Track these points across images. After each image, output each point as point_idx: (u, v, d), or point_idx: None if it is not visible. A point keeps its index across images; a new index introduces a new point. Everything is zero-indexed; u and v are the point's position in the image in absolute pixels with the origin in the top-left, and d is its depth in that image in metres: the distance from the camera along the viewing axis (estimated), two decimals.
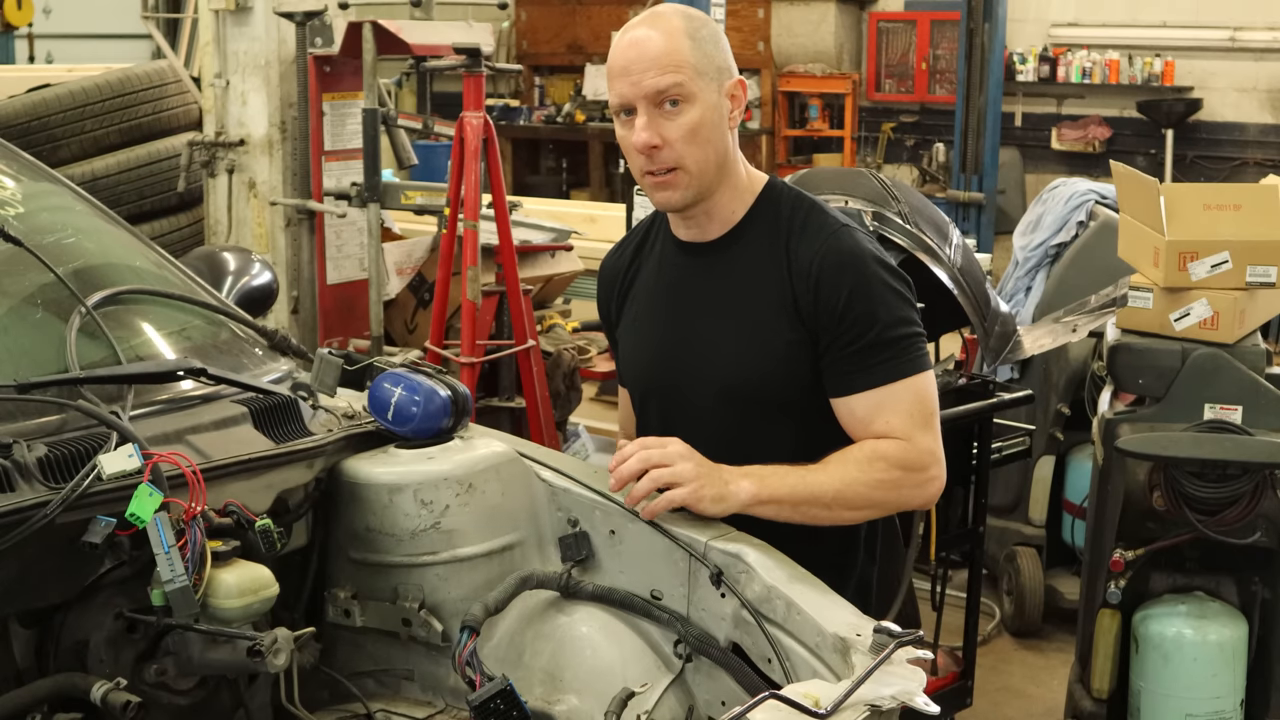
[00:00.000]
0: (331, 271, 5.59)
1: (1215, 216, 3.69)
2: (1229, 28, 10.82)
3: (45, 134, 5.76)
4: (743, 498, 2.17)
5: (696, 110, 2.23)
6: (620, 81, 2.25)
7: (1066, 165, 11.15)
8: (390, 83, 6.66)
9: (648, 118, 2.23)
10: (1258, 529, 3.60)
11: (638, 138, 2.24)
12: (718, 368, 2.32)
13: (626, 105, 2.25)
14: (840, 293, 2.24)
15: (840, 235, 2.30)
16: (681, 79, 2.22)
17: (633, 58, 2.24)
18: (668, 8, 2.33)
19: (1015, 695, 4.67)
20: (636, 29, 2.27)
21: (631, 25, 2.29)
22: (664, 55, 2.22)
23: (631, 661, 2.14)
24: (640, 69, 2.23)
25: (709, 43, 2.27)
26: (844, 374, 2.25)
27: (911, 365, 2.26)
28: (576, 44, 13.56)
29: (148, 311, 2.48)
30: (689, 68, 2.23)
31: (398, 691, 2.32)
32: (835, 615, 1.96)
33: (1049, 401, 5.00)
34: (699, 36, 2.25)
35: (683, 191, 2.28)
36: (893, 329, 2.25)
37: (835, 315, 2.24)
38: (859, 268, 2.27)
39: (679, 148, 2.24)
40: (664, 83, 2.21)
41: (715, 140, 2.27)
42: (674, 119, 2.23)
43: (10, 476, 1.89)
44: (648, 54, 2.23)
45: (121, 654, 1.99)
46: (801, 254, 2.28)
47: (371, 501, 2.26)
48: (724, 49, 2.30)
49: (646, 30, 2.25)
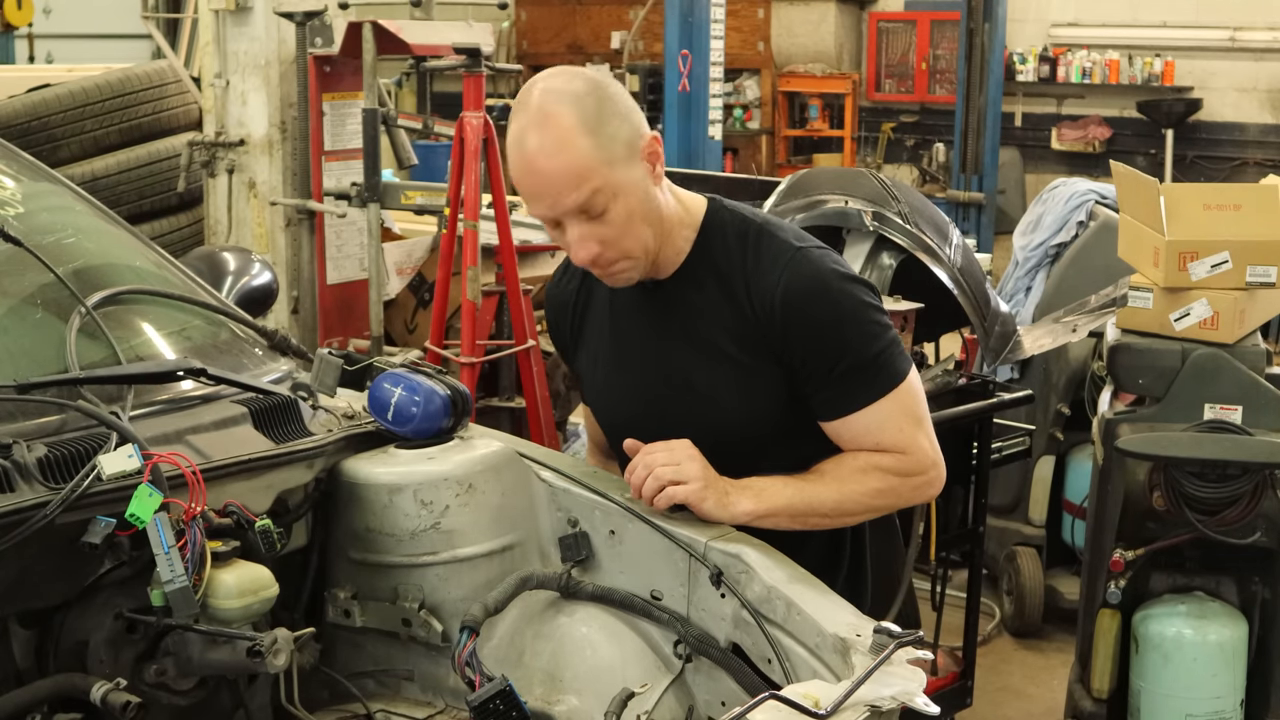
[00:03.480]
0: (331, 271, 5.59)
1: (1215, 216, 3.69)
2: (1229, 28, 10.83)
3: (45, 134, 5.76)
4: (738, 512, 2.16)
5: (622, 203, 2.12)
6: (536, 205, 2.14)
7: (1066, 165, 11.16)
8: (390, 83, 6.66)
9: (579, 230, 2.14)
10: (1258, 529, 3.60)
11: (577, 255, 2.16)
12: (703, 415, 2.27)
13: (551, 221, 2.16)
14: (810, 324, 2.19)
15: (797, 261, 2.22)
16: (596, 184, 2.09)
17: (538, 183, 2.11)
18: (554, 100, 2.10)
19: (1015, 695, 4.67)
20: (530, 148, 2.09)
21: (522, 135, 2.10)
22: (569, 170, 2.08)
23: (631, 661, 2.14)
24: (552, 193, 2.10)
25: (609, 121, 2.10)
26: (828, 400, 2.23)
27: (892, 377, 2.22)
28: (576, 44, 13.57)
29: (148, 311, 2.48)
30: (601, 168, 2.09)
31: (398, 692, 2.32)
32: (835, 615, 1.96)
33: (1049, 401, 5.00)
34: (596, 121, 2.09)
35: (637, 272, 2.22)
36: (869, 347, 2.20)
37: (809, 347, 2.20)
38: (823, 293, 2.20)
39: (621, 244, 2.15)
40: (582, 196, 2.09)
41: (650, 214, 2.17)
42: (603, 223, 2.12)
43: (10, 477, 1.89)
44: (553, 176, 2.09)
45: (121, 654, 1.99)
46: (762, 286, 2.21)
47: (371, 502, 2.26)
48: (624, 113, 2.13)
49: (542, 148, 2.08)
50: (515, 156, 2.13)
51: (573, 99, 2.09)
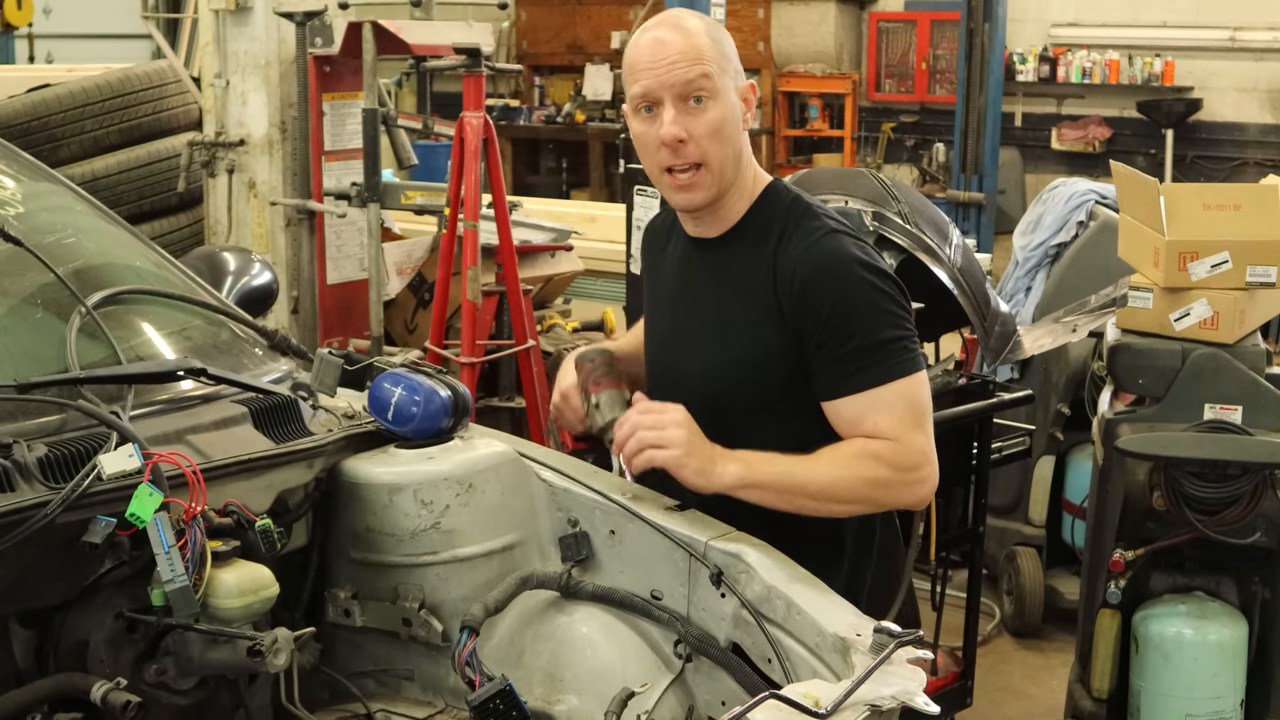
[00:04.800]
0: (331, 271, 5.59)
1: (1215, 216, 3.69)
2: (1229, 28, 10.82)
3: (45, 134, 5.76)
4: (727, 480, 2.17)
5: (720, 107, 2.25)
6: (645, 75, 2.25)
7: (1066, 165, 11.15)
8: (390, 83, 6.65)
9: (675, 112, 2.24)
10: (1258, 529, 3.59)
11: (666, 131, 2.24)
12: (702, 372, 2.33)
13: (651, 99, 2.25)
14: (823, 299, 2.23)
15: (825, 240, 2.28)
16: (709, 71, 2.24)
17: (658, 52, 2.25)
18: (682, 11, 2.35)
19: (1015, 695, 4.67)
20: (656, 29, 2.28)
21: (649, 26, 2.30)
22: (691, 50, 2.24)
23: (631, 661, 2.14)
24: (668, 62, 2.23)
25: (725, 44, 2.30)
26: (830, 379, 2.24)
27: (898, 368, 2.23)
28: (576, 44, 13.56)
29: (148, 311, 2.48)
30: (714, 64, 2.25)
31: (398, 691, 2.32)
32: (835, 615, 1.96)
33: (1049, 401, 5.00)
34: (716, 37, 2.28)
35: (704, 192, 2.29)
36: (878, 333, 2.22)
37: (819, 321, 2.23)
38: (842, 273, 2.24)
39: (704, 144, 2.25)
40: (692, 74, 2.23)
41: (734, 139, 2.29)
42: (699, 115, 2.24)
43: (10, 476, 1.89)
44: (674, 48, 2.24)
45: (121, 654, 1.99)
46: (786, 258, 2.27)
47: (371, 501, 2.26)
48: (734, 54, 2.33)
49: (668, 30, 2.27)
50: (636, 39, 2.30)
51: (702, 18, 2.33)
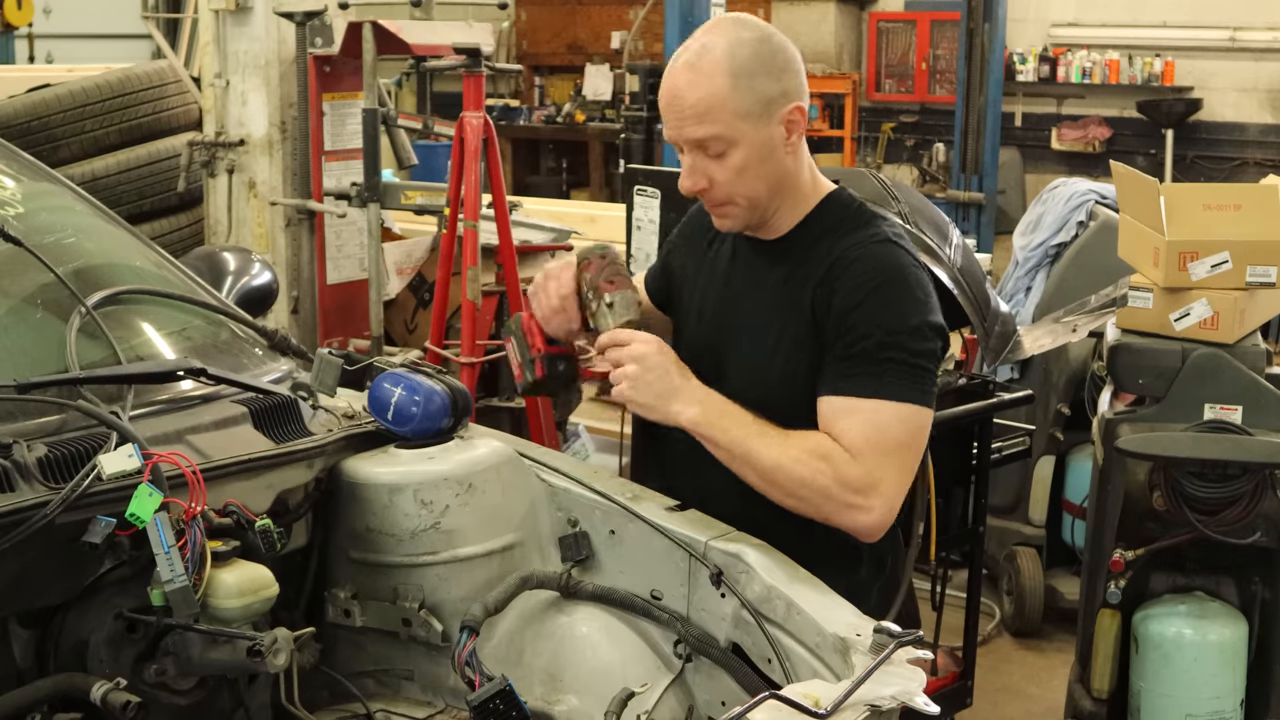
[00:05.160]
0: (331, 271, 5.59)
1: (1215, 216, 3.69)
2: (1229, 28, 10.82)
3: (45, 134, 5.76)
4: (682, 421, 2.17)
5: (742, 152, 2.19)
6: (666, 120, 2.23)
7: (1066, 165, 11.15)
8: (390, 83, 6.66)
9: (692, 161, 2.21)
10: (1258, 529, 3.59)
11: (682, 183, 2.24)
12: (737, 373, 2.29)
13: (673, 142, 2.23)
14: (851, 297, 2.18)
15: (876, 246, 2.23)
16: (718, 130, 2.17)
17: (672, 103, 2.19)
18: (719, 35, 2.20)
19: (1015, 695, 4.66)
20: (679, 66, 2.19)
21: (680, 55, 2.20)
22: (700, 104, 2.16)
23: (631, 661, 2.14)
24: (679, 117, 2.19)
25: (757, 76, 2.17)
26: (828, 375, 2.20)
27: (893, 390, 2.15)
28: (576, 44, 13.57)
29: (148, 311, 2.48)
30: (727, 114, 2.16)
31: (398, 691, 2.32)
32: (835, 615, 1.96)
33: (1049, 401, 5.00)
34: (744, 71, 2.16)
35: (738, 221, 2.28)
36: (887, 349, 2.16)
37: (839, 317, 2.19)
38: (881, 278, 2.19)
39: (726, 187, 2.22)
40: (701, 133, 2.17)
41: (766, 174, 2.22)
42: (720, 162, 2.20)
43: (10, 476, 1.89)
44: (685, 102, 2.17)
45: (121, 654, 1.99)
46: (834, 256, 2.22)
47: (371, 501, 2.26)
48: (778, 73, 2.19)
49: (685, 74, 2.18)
50: (668, 68, 2.23)
51: (733, 43, 2.17)
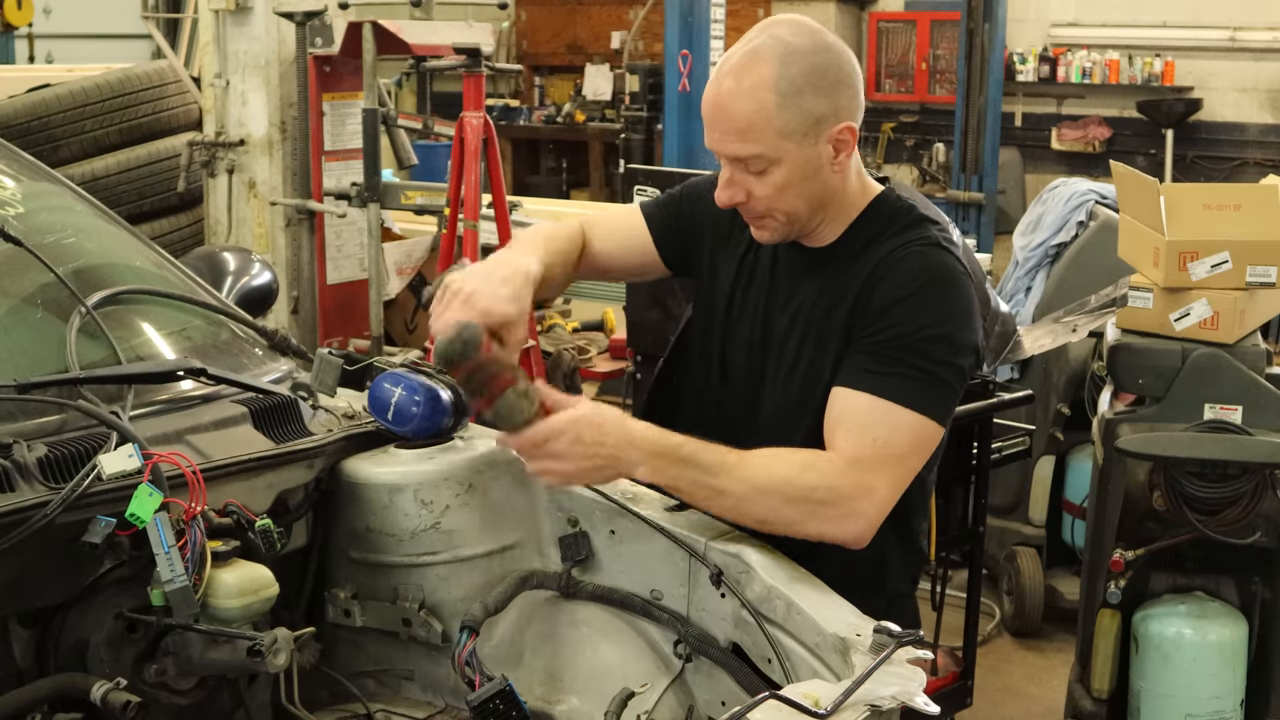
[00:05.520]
0: (331, 271, 5.59)
1: (1215, 216, 3.69)
2: (1229, 28, 10.81)
3: (45, 134, 5.77)
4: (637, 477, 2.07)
5: (783, 171, 2.10)
6: (707, 127, 2.13)
7: (1066, 165, 11.14)
8: (390, 83, 6.66)
9: (731, 174, 2.14)
10: (1258, 529, 3.59)
11: (719, 195, 2.16)
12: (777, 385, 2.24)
13: (713, 151, 2.15)
14: (891, 295, 2.11)
15: (925, 249, 2.14)
16: (760, 149, 2.08)
17: (714, 115, 2.10)
18: (772, 43, 2.09)
19: (1015, 695, 4.66)
20: (725, 72, 2.09)
21: (725, 64, 2.11)
22: (743, 121, 2.07)
23: (631, 661, 2.14)
24: (720, 131, 2.11)
25: (806, 93, 2.07)
26: (845, 365, 2.13)
27: (907, 395, 2.06)
28: (576, 44, 13.56)
29: (148, 311, 2.48)
30: (771, 133, 2.07)
31: (398, 691, 2.32)
32: (835, 615, 1.96)
33: (1049, 401, 4.99)
34: (791, 89, 2.06)
35: (776, 234, 2.20)
36: (912, 350, 2.08)
37: (876, 314, 2.11)
38: (926, 278, 2.11)
39: (765, 202, 2.14)
40: (742, 153, 2.10)
41: (808, 192, 2.14)
42: (759, 178, 2.11)
43: (10, 476, 1.89)
44: (728, 117, 2.08)
45: (121, 654, 1.99)
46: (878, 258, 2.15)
47: (372, 501, 2.26)
48: (830, 90, 2.08)
49: (733, 83, 2.08)
50: (711, 81, 2.13)
51: (785, 56, 2.07)
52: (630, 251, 2.42)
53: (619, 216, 2.49)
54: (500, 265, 2.10)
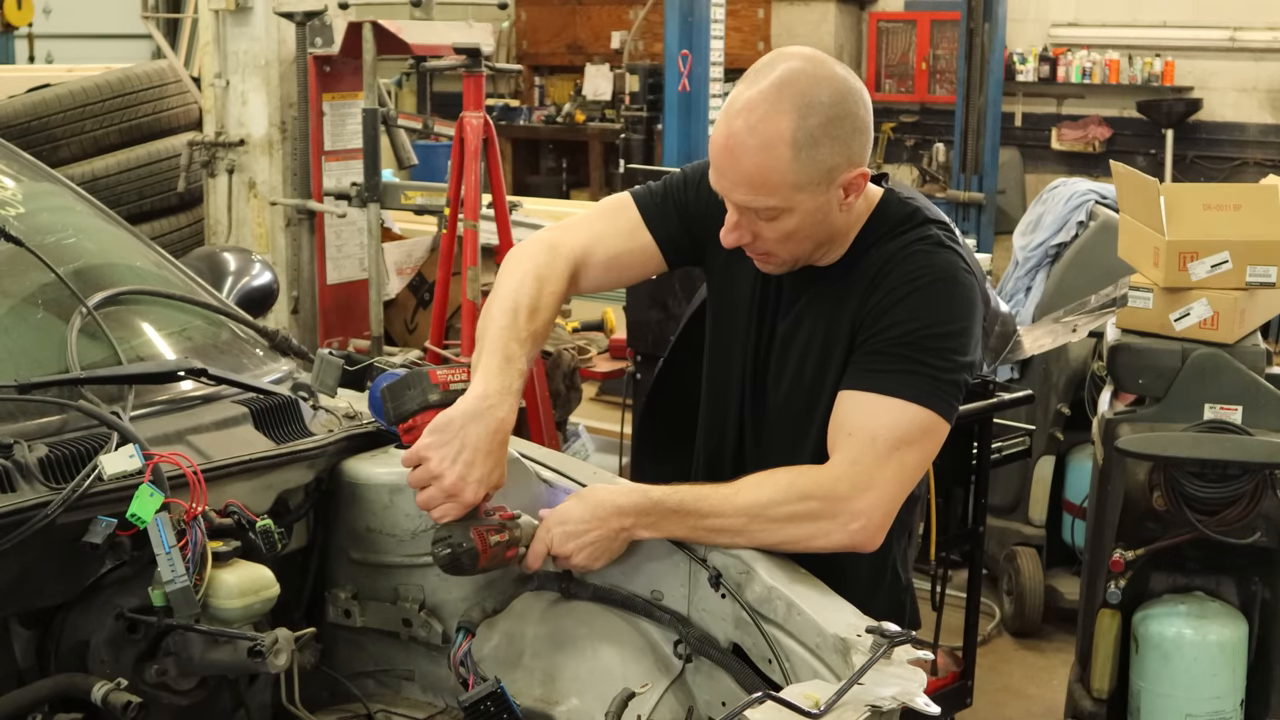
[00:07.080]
0: (331, 271, 5.59)
1: (1215, 216, 3.69)
2: (1229, 28, 10.82)
3: (45, 134, 5.76)
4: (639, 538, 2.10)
5: (794, 219, 2.06)
6: (715, 170, 2.06)
7: (1066, 165, 11.15)
8: (390, 83, 6.66)
9: (737, 218, 2.09)
10: (1258, 529, 3.59)
11: (724, 236, 2.11)
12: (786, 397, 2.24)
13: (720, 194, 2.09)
14: (892, 294, 2.10)
15: (927, 248, 2.13)
16: (773, 202, 2.03)
17: (725, 161, 2.03)
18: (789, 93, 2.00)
19: (1015, 695, 4.67)
20: (738, 116, 2.00)
21: (736, 102, 2.02)
22: (756, 175, 2.00)
23: (631, 662, 2.14)
24: (730, 180, 2.04)
25: (822, 144, 2.00)
26: (850, 368, 2.13)
27: (913, 391, 2.05)
28: (576, 44, 13.56)
29: (148, 312, 2.48)
30: (786, 187, 2.01)
31: (398, 692, 2.32)
32: (835, 615, 1.96)
33: (1049, 401, 5.00)
34: (808, 141, 1.99)
35: (781, 268, 2.18)
36: (916, 348, 2.07)
37: (875, 314, 2.11)
38: (929, 277, 2.10)
39: (771, 244, 2.11)
40: (756, 204, 2.04)
41: (817, 232, 2.11)
42: (769, 222, 2.07)
43: (11, 477, 1.89)
44: (740, 168, 2.01)
45: (122, 654, 1.99)
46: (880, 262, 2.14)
47: (372, 502, 2.26)
48: (845, 139, 2.02)
49: (747, 133, 1.99)
50: (721, 120, 2.05)
51: (803, 108, 1.99)
52: (631, 267, 2.36)
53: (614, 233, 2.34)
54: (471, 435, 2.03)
